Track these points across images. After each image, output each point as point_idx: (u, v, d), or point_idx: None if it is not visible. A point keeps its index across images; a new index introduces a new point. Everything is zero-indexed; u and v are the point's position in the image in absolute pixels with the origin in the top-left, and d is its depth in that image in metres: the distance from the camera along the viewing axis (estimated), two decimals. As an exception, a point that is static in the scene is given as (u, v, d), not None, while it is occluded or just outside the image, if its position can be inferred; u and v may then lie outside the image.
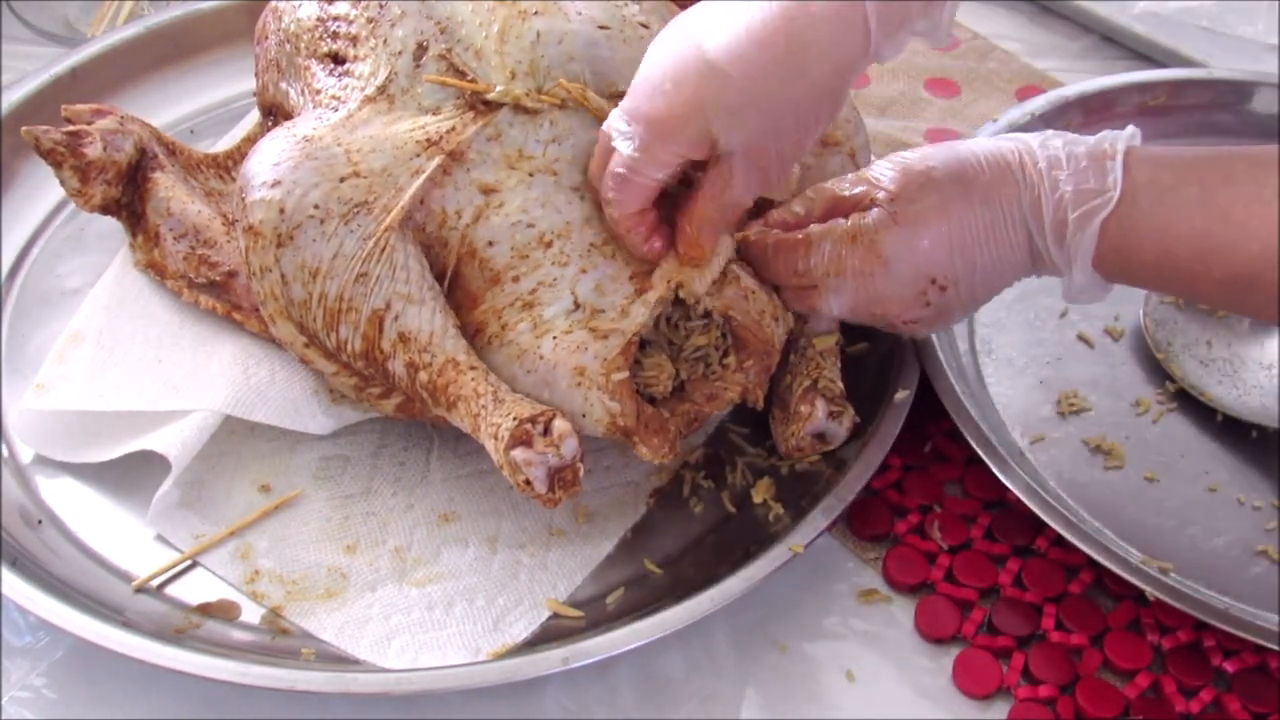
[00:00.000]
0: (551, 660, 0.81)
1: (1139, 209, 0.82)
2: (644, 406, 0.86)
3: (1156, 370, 1.04)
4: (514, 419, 0.81)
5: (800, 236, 0.89)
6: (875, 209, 0.87)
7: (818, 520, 0.88)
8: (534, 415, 0.81)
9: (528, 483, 0.80)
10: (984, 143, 0.88)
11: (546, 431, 0.81)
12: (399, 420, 0.94)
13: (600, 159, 0.86)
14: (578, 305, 0.86)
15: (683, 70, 0.80)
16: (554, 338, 0.85)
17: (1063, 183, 0.83)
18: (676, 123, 0.81)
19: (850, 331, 0.97)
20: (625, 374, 0.84)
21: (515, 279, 0.87)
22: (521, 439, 0.80)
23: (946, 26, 0.84)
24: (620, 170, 0.83)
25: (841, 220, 0.88)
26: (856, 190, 0.89)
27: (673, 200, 0.86)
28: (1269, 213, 0.78)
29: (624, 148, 0.83)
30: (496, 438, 0.81)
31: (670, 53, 0.82)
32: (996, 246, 0.86)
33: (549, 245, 0.87)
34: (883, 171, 0.89)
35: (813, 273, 0.88)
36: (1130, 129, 0.86)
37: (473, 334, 0.87)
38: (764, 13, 0.79)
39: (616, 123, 0.84)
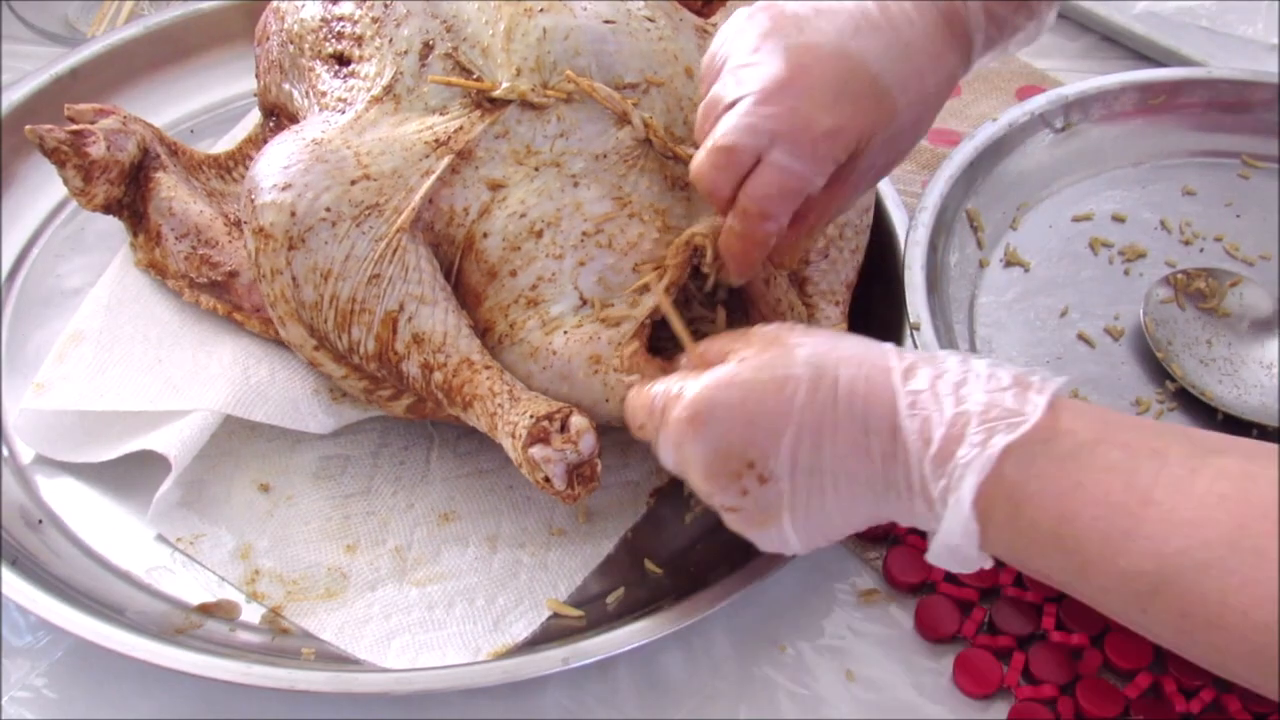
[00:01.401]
0: (551, 660, 0.81)
1: (1049, 455, 0.66)
2: (665, 365, 0.85)
3: (1157, 369, 1.04)
4: (531, 416, 0.81)
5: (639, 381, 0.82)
6: (721, 367, 0.74)
7: (818, 520, 0.88)
8: (551, 412, 0.81)
9: (547, 480, 0.80)
10: (881, 345, 0.74)
11: (564, 428, 0.81)
12: (409, 418, 0.94)
13: (722, 165, 0.80)
14: (584, 301, 0.86)
15: (853, 87, 0.79)
16: (565, 333, 0.85)
17: (969, 399, 0.68)
18: (850, 138, 0.80)
19: (851, 331, 0.96)
20: (637, 344, 0.85)
21: (513, 273, 0.87)
22: (539, 436, 0.80)
23: (1041, 31, 0.86)
24: (790, 184, 0.79)
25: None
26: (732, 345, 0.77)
27: None
28: (1196, 509, 0.62)
29: (789, 160, 0.78)
30: (514, 436, 0.81)
31: (826, 69, 0.79)
32: (848, 453, 0.70)
33: (539, 235, 0.87)
34: (755, 334, 0.77)
35: (646, 421, 0.78)
36: (1063, 378, 0.71)
37: (481, 333, 0.87)
38: (922, 23, 0.81)
39: (769, 133, 0.78)
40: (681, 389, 0.74)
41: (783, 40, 0.80)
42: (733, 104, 0.80)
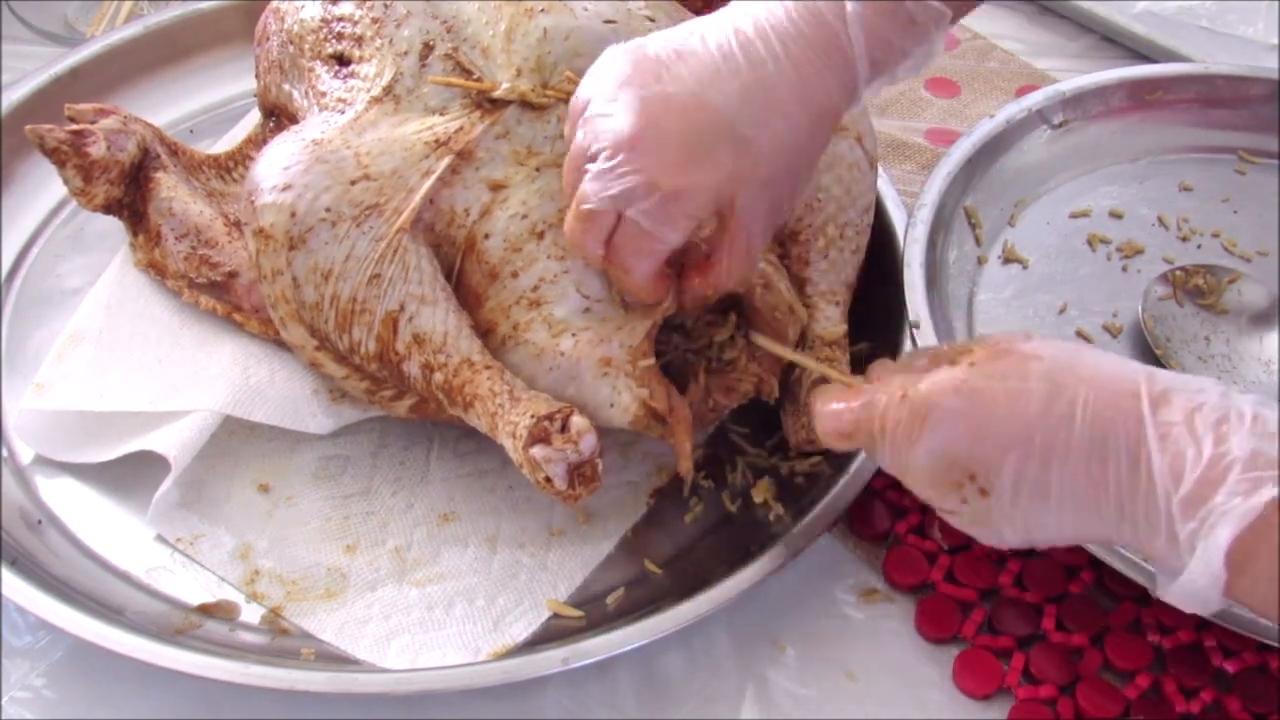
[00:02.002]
0: (551, 660, 0.81)
1: None
2: (673, 390, 0.86)
3: (1156, 366, 1.04)
4: (531, 416, 0.81)
5: (851, 386, 0.79)
6: (947, 369, 0.72)
7: (818, 520, 0.88)
8: (551, 412, 0.81)
9: (548, 480, 0.80)
10: (1129, 364, 0.70)
11: (564, 428, 0.80)
12: (410, 419, 0.94)
13: (586, 227, 0.80)
14: (589, 306, 0.86)
15: (710, 142, 0.77)
16: (573, 335, 0.85)
17: (1232, 441, 0.64)
18: (705, 195, 0.78)
19: (851, 331, 0.96)
20: (652, 360, 0.85)
21: (514, 274, 0.87)
22: (540, 436, 0.80)
23: (929, 59, 0.82)
24: (641, 243, 0.80)
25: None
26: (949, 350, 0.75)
27: None
28: None
29: (644, 221, 0.78)
30: (515, 436, 0.81)
31: (679, 121, 0.77)
32: (1078, 478, 0.67)
33: (540, 236, 0.87)
34: (982, 341, 0.74)
35: (856, 427, 0.75)
36: None
37: (484, 333, 0.87)
38: (789, 55, 0.77)
39: (618, 197, 0.78)
40: (905, 389, 0.71)
41: (639, 90, 0.78)
42: (593, 157, 0.79)
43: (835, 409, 0.76)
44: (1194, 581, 0.64)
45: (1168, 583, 0.66)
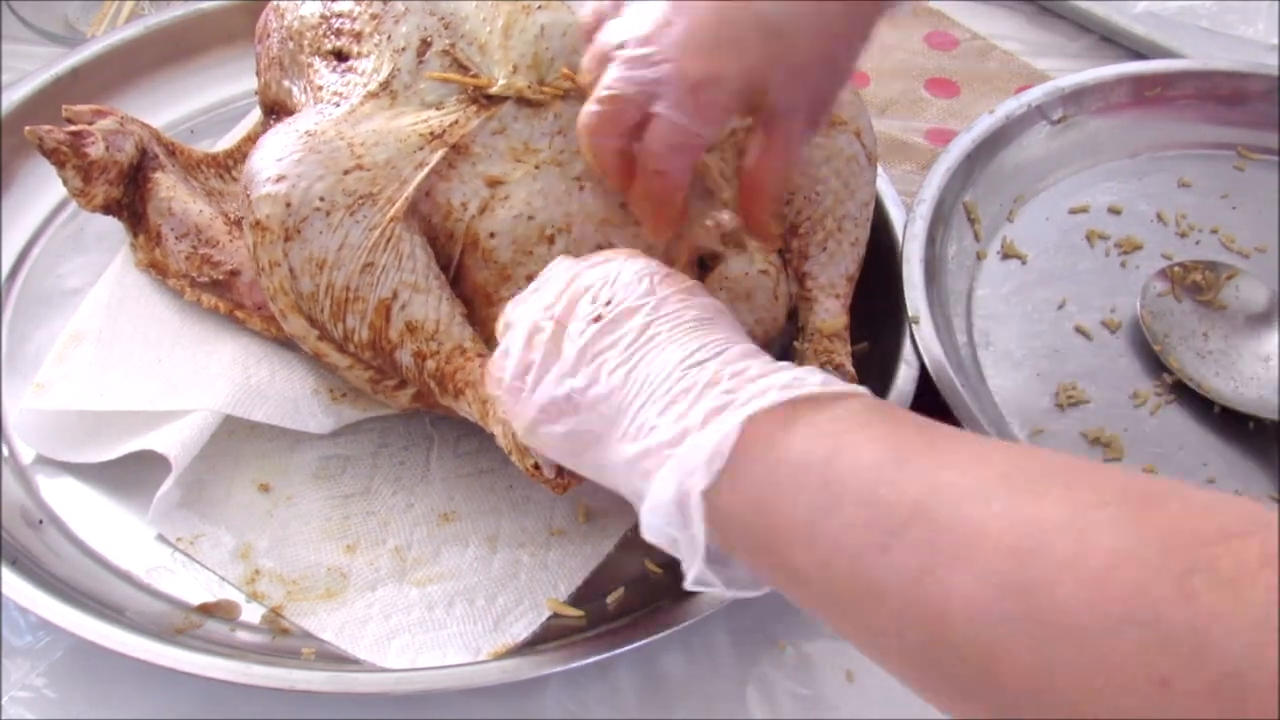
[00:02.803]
0: (551, 660, 0.81)
1: (845, 405, 0.63)
2: None
3: (1154, 362, 1.04)
4: None
5: None
6: None
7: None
8: None
9: (536, 467, 0.80)
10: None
11: None
12: (413, 409, 0.93)
13: (607, 116, 0.79)
14: None
15: (739, 31, 0.76)
16: None
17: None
18: (735, 82, 0.77)
19: (851, 324, 0.96)
20: None
21: (529, 277, 0.87)
22: None
23: None
24: (675, 138, 0.77)
25: None
26: None
27: None
28: (975, 451, 0.58)
29: (674, 115, 0.76)
30: (505, 422, 0.81)
31: (708, 11, 0.77)
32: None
33: (551, 240, 0.88)
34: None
35: None
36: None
37: (494, 327, 0.87)
38: None
39: (646, 83, 0.77)
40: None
41: None
42: (619, 47, 0.78)
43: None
44: (686, 462, 0.63)
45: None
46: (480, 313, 0.88)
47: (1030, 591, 0.51)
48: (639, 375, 0.69)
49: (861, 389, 0.65)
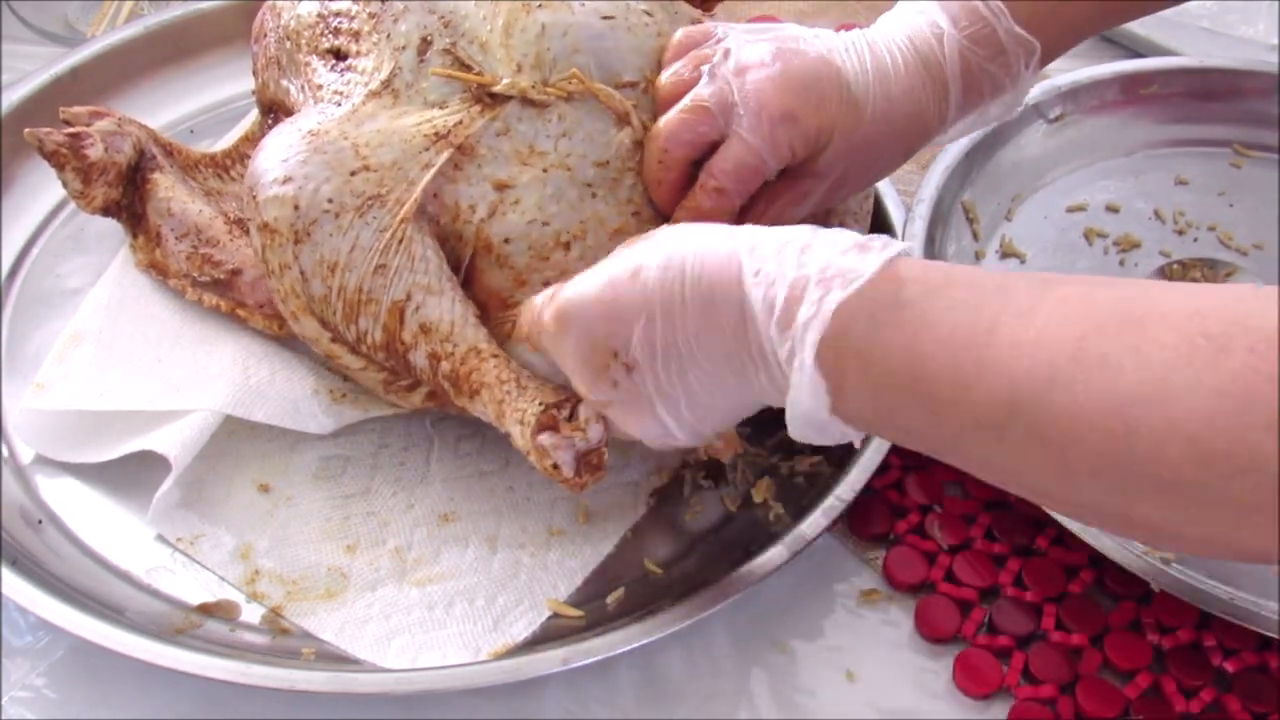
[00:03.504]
0: (551, 660, 0.81)
1: (895, 304, 0.64)
2: None
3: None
4: (539, 404, 0.81)
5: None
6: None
7: (818, 520, 0.88)
8: (559, 400, 0.81)
9: (555, 466, 0.80)
10: (725, 228, 0.73)
11: (572, 416, 0.81)
12: (427, 409, 0.93)
13: (690, 123, 0.86)
14: None
15: (824, 87, 0.84)
16: None
17: (809, 263, 0.67)
18: (811, 129, 0.84)
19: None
20: None
21: (546, 282, 0.87)
22: (548, 424, 0.80)
23: (1020, 98, 0.91)
24: (747, 160, 0.84)
25: None
26: None
27: None
28: (1040, 330, 0.60)
29: (752, 138, 0.83)
30: (523, 423, 0.81)
31: (805, 64, 0.84)
32: (699, 330, 0.70)
33: (567, 247, 0.87)
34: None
35: (530, 330, 0.81)
36: (908, 243, 0.74)
37: (510, 329, 0.87)
38: (903, 58, 0.86)
39: (730, 103, 0.84)
40: (554, 291, 0.77)
41: (776, 35, 0.86)
42: (716, 66, 0.85)
43: (521, 314, 0.82)
44: (800, 403, 0.67)
45: (789, 416, 0.69)
46: (494, 315, 0.88)
47: (1140, 463, 0.56)
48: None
49: (875, 248, 0.67)
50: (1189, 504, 0.56)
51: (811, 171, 0.86)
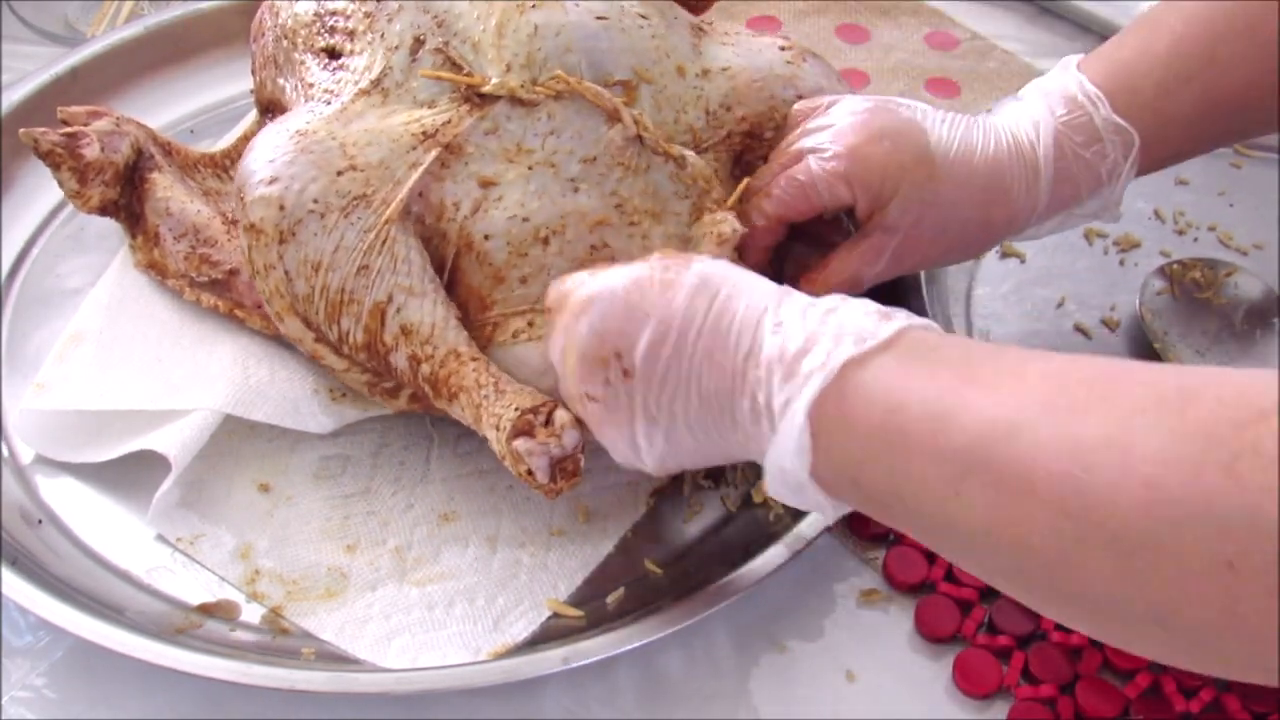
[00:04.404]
0: (551, 660, 0.81)
1: (887, 357, 0.65)
2: None
3: (1154, 359, 1.04)
4: (516, 409, 0.81)
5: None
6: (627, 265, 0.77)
7: (817, 520, 0.88)
8: (536, 406, 0.81)
9: (530, 472, 0.80)
10: (775, 285, 0.74)
11: (548, 422, 0.81)
12: (412, 411, 0.93)
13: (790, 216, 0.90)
14: None
15: (900, 137, 0.87)
16: None
17: (829, 324, 0.68)
18: (876, 170, 0.86)
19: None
20: None
21: (523, 280, 0.87)
22: (523, 429, 0.80)
23: (1115, 206, 0.94)
24: (807, 180, 0.88)
25: None
26: None
27: None
28: (1016, 384, 0.60)
29: (815, 164, 0.87)
30: (499, 428, 0.81)
31: (890, 117, 0.88)
32: (705, 362, 0.70)
33: (545, 241, 0.87)
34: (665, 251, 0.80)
35: (554, 305, 0.79)
36: (927, 319, 0.71)
37: (488, 334, 0.87)
38: (994, 134, 0.89)
39: (816, 139, 0.89)
40: (587, 274, 0.77)
41: (878, 98, 0.91)
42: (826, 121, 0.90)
43: (549, 290, 0.81)
44: (783, 454, 0.68)
45: (767, 466, 0.70)
46: (474, 317, 0.88)
47: (1092, 510, 0.55)
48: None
49: (898, 318, 0.68)
50: (1136, 559, 0.54)
51: (881, 225, 0.87)
